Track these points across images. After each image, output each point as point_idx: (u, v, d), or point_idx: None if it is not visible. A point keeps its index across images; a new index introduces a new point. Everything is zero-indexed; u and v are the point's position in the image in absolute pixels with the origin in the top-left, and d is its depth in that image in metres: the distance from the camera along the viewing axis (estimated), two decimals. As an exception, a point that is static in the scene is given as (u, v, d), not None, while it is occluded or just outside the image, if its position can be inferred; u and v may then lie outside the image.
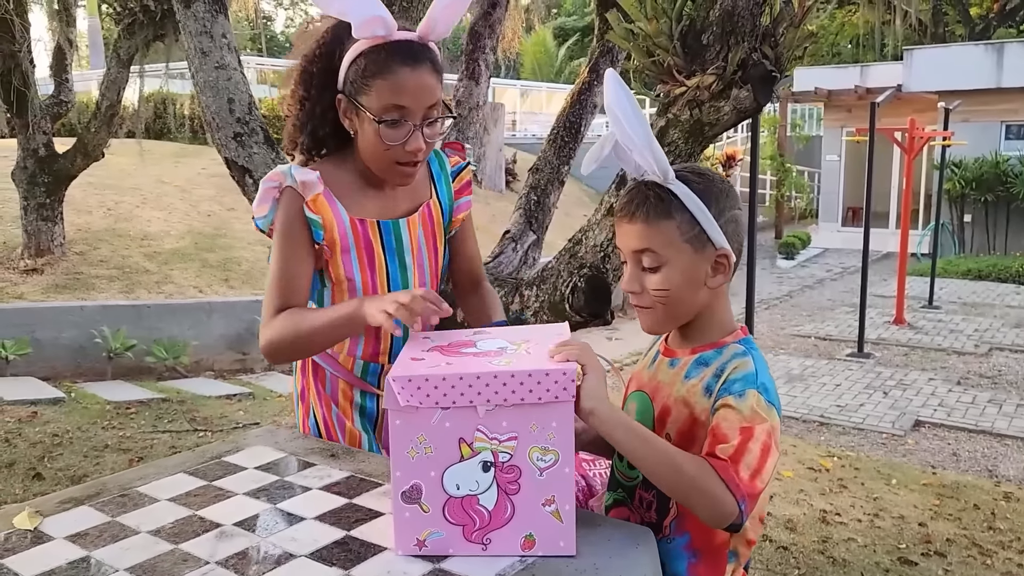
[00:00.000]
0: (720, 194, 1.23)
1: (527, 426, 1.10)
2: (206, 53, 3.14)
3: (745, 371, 1.17)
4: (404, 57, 1.39)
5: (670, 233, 1.20)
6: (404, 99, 1.39)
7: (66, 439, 4.29)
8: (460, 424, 1.10)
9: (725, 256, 1.21)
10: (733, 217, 1.23)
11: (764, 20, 2.51)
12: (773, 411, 1.15)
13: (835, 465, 4.77)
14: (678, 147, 2.69)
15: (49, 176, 6.85)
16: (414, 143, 1.43)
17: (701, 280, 1.21)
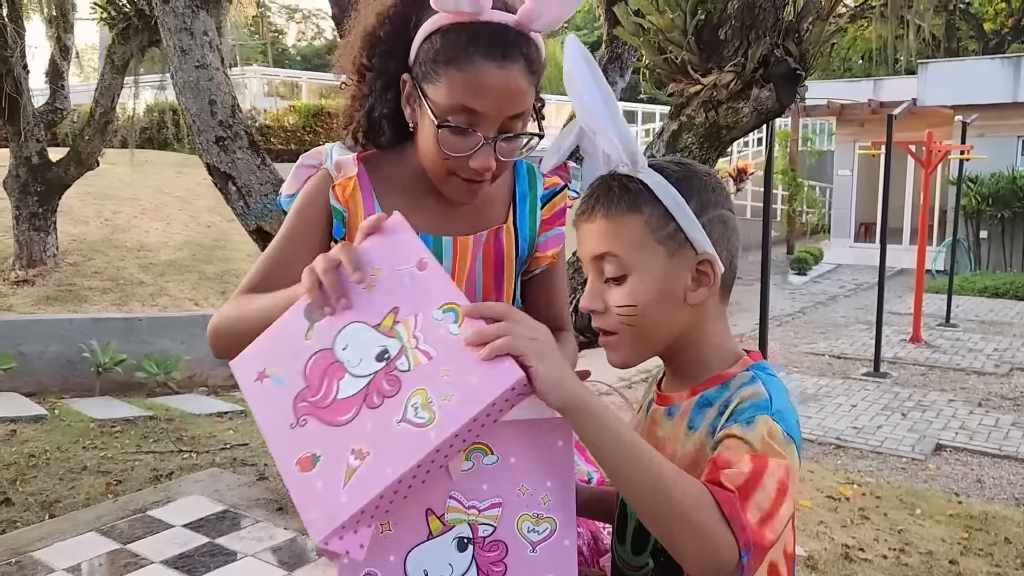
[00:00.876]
0: (704, 187, 0.96)
1: (514, 488, 0.86)
2: (186, 51, 2.94)
3: (755, 398, 0.90)
4: (492, 47, 1.06)
5: (637, 231, 0.93)
6: (480, 102, 1.07)
7: (43, 460, 4.07)
8: (427, 491, 0.85)
9: (709, 263, 0.94)
10: (720, 217, 0.96)
11: (787, 14, 2.30)
12: (792, 448, 0.87)
13: (855, 493, 4.51)
14: (692, 152, 2.46)
15: (42, 185, 6.67)
16: (482, 160, 1.10)
17: (679, 293, 0.94)
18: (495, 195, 1.24)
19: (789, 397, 0.94)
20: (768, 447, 0.85)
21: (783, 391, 0.93)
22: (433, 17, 1.09)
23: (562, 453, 0.87)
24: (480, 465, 0.86)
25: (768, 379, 0.94)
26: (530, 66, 1.09)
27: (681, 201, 0.93)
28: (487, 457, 0.86)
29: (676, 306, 0.94)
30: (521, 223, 1.27)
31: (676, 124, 2.45)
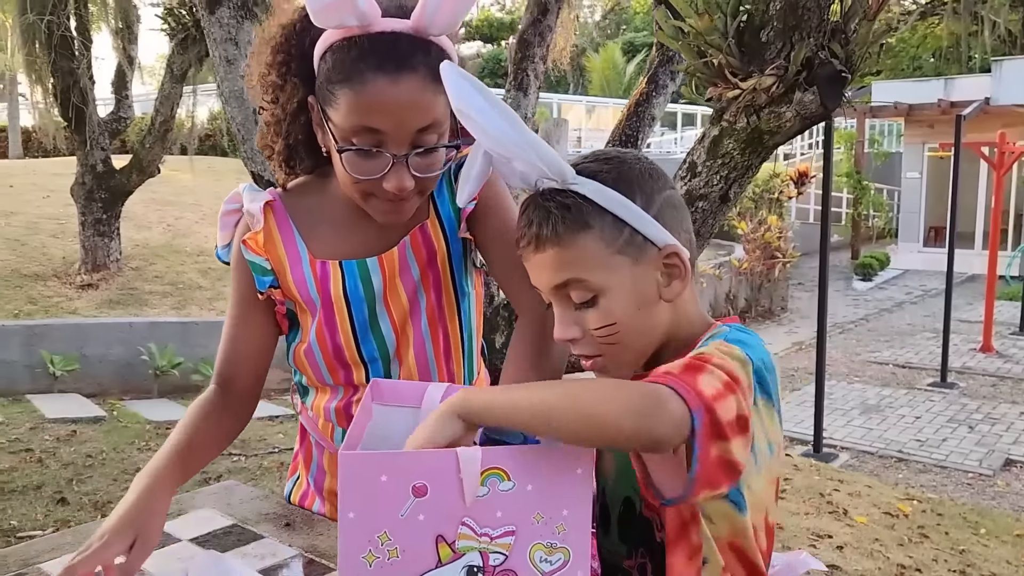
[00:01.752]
0: (642, 176, 0.90)
1: (529, 516, 0.82)
2: (231, 61, 2.98)
3: (714, 336, 0.88)
4: (382, 61, 0.98)
5: (594, 248, 0.87)
6: (380, 120, 1.00)
7: (99, 460, 4.18)
8: (438, 516, 0.80)
9: (675, 253, 0.89)
10: (669, 201, 0.91)
11: (833, 14, 2.21)
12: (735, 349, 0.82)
13: (915, 510, 4.34)
14: (733, 158, 2.39)
15: (106, 192, 6.89)
16: (395, 180, 1.03)
17: (655, 295, 0.89)
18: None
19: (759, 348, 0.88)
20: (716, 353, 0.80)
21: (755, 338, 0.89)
22: (325, 33, 1.02)
23: (581, 481, 0.83)
24: (496, 491, 0.81)
25: (739, 333, 0.89)
26: (433, 74, 0.97)
27: (627, 202, 0.88)
28: (503, 483, 0.81)
29: (654, 308, 0.90)
30: (443, 209, 1.18)
31: (717, 129, 2.38)
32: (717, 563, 0.86)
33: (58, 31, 6.07)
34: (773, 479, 0.89)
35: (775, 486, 0.90)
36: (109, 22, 7.17)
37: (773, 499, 0.90)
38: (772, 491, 0.89)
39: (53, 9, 6.04)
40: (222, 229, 1.20)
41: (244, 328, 1.19)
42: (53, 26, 6.02)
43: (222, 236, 1.20)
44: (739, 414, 0.77)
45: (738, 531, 0.86)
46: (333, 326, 1.16)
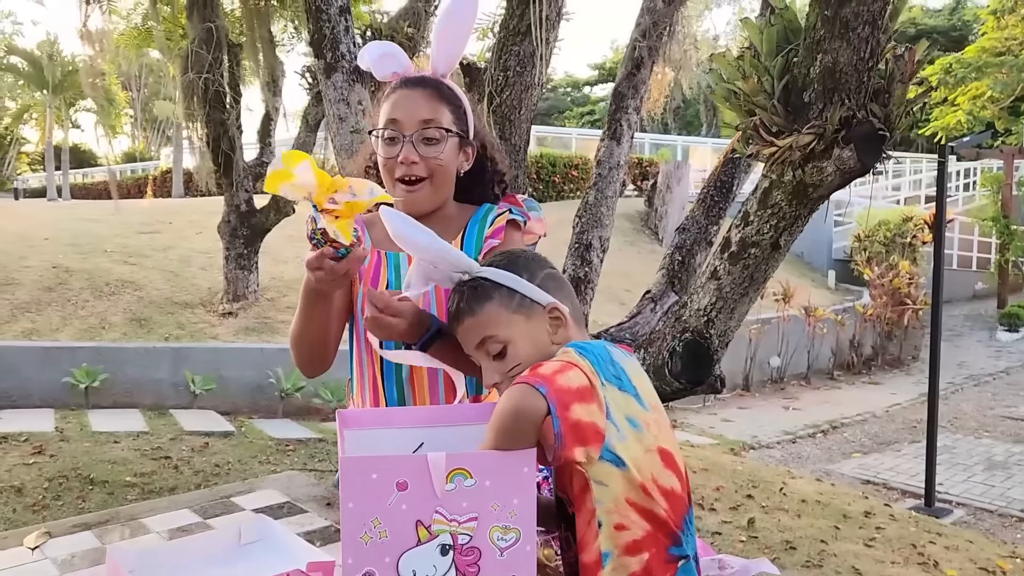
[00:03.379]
0: (525, 261, 1.27)
1: (488, 505, 1.06)
2: (343, 119, 3.39)
3: None
4: (405, 82, 1.52)
5: (496, 313, 1.22)
6: (396, 112, 1.48)
7: (224, 470, 4.67)
8: (417, 506, 1.06)
9: (555, 307, 1.23)
10: (549, 275, 1.27)
11: (879, 76, 2.35)
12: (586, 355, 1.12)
13: (1015, 568, 4.19)
14: (781, 209, 2.54)
15: (248, 229, 7.60)
16: (404, 152, 1.47)
17: (546, 339, 1.23)
18: (450, 222, 1.56)
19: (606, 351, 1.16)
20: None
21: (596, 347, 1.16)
22: None
23: (527, 477, 1.07)
24: (461, 486, 1.06)
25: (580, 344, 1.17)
26: (439, 91, 1.52)
27: (514, 277, 1.23)
28: (467, 480, 1.06)
29: (546, 348, 1.21)
30: (469, 240, 1.56)
31: (767, 182, 2.54)
32: (609, 523, 1.10)
33: (213, 87, 6.83)
34: (651, 448, 1.12)
35: (658, 456, 1.13)
36: (259, 76, 7.96)
37: (659, 467, 1.12)
38: (655, 459, 1.12)
39: (210, 67, 6.81)
40: None
41: None
42: (209, 82, 6.79)
43: None
44: (580, 385, 1.08)
45: (631, 487, 1.09)
46: None
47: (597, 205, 4.31)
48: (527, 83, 3.09)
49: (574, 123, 33.04)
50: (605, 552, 1.09)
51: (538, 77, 3.13)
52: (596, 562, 1.10)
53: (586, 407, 1.07)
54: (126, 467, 4.57)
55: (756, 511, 4.65)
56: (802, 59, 2.36)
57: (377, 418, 1.30)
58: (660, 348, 2.96)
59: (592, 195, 4.28)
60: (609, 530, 1.09)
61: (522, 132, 3.25)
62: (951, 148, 6.30)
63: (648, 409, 1.14)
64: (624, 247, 11.78)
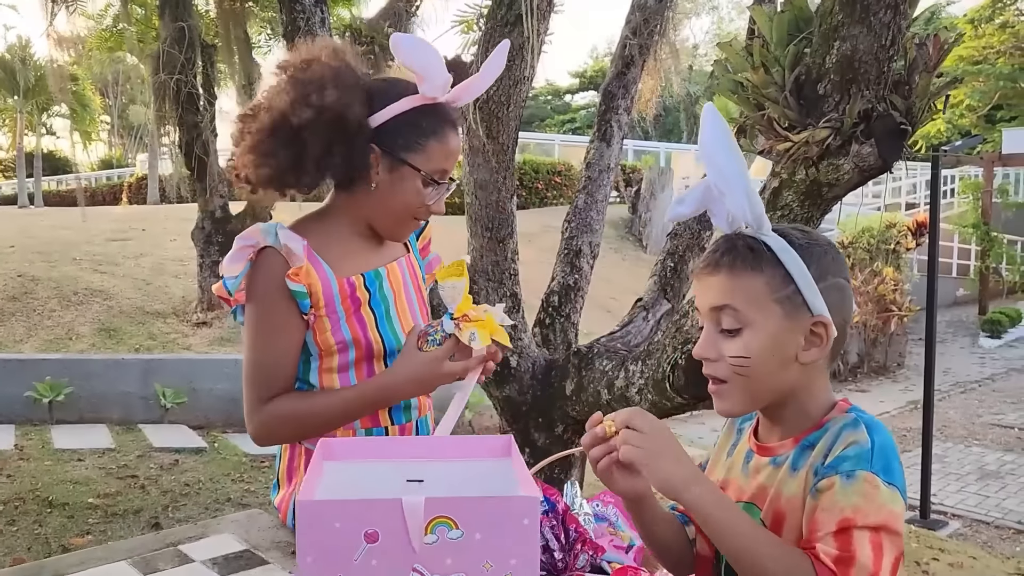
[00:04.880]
0: (824, 255, 1.02)
1: (478, 564, 0.86)
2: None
3: (858, 445, 0.94)
4: (453, 124, 1.43)
5: (757, 289, 0.99)
6: (449, 163, 1.43)
7: (195, 490, 4.42)
8: (390, 562, 0.86)
9: (823, 325, 1.00)
10: (838, 285, 1.02)
11: (898, 66, 2.17)
12: (897, 495, 0.92)
13: (1023, 587, 4.04)
14: (792, 210, 2.36)
15: (223, 236, 7.35)
16: (440, 204, 1.45)
17: (791, 352, 1.00)
18: None
19: (888, 434, 0.97)
20: (863, 506, 0.90)
21: (888, 435, 0.97)
22: (399, 102, 1.37)
23: (528, 531, 0.86)
24: (445, 539, 0.86)
25: (869, 419, 0.99)
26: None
27: (802, 266, 0.99)
28: (452, 531, 0.86)
29: (786, 363, 1.00)
30: (415, 252, 1.60)
31: (777, 181, 2.36)
32: None
33: (185, 88, 6.60)
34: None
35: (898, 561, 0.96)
36: (234, 79, 7.72)
37: None
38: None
39: (182, 68, 6.58)
40: (235, 262, 1.35)
41: (291, 349, 1.36)
42: (181, 83, 6.55)
43: (233, 267, 1.36)
44: (892, 569, 0.90)
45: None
46: (364, 324, 1.40)
47: (587, 209, 4.11)
48: (516, 77, 2.90)
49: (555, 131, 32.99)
50: None
51: (528, 71, 2.93)
52: None
53: None
54: (88, 487, 4.31)
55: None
56: (817, 47, 2.18)
57: (369, 449, 1.10)
58: (660, 361, 2.77)
59: (582, 199, 4.09)
60: None
61: (510, 130, 3.05)
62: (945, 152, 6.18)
63: None
64: (608, 254, 11.63)
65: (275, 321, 1.34)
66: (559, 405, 3.53)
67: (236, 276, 1.35)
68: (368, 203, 1.41)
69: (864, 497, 0.90)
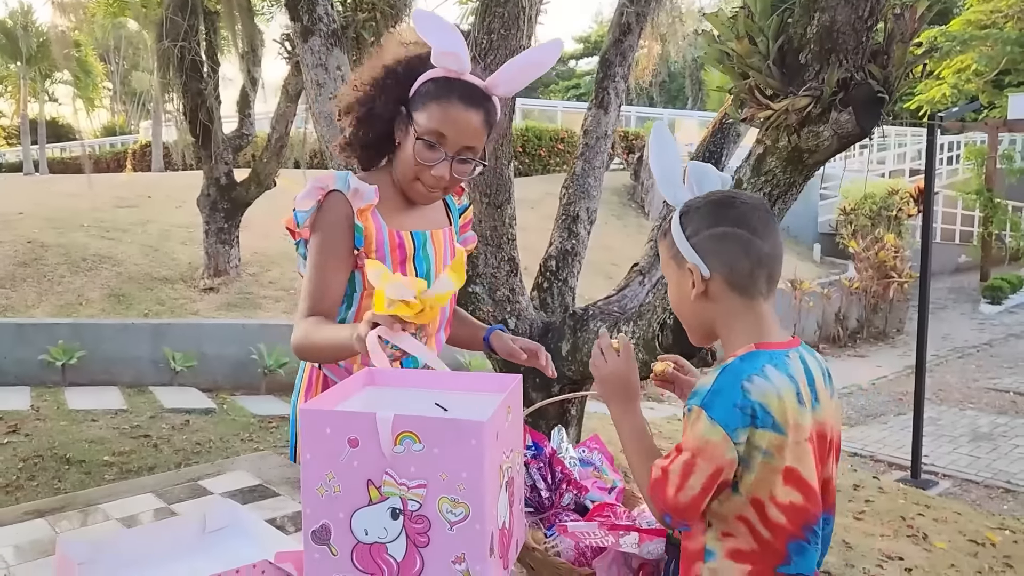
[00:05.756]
0: (703, 215, 1.26)
1: (436, 474, 1.00)
2: (321, 85, 3.27)
3: (703, 384, 1.18)
4: (463, 95, 1.51)
5: (664, 252, 1.30)
6: (447, 128, 1.50)
7: (206, 448, 4.58)
8: (368, 464, 1.01)
9: (693, 269, 1.24)
10: (713, 235, 1.25)
11: (877, 37, 2.26)
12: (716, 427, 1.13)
13: (1005, 540, 4.17)
14: (775, 176, 2.46)
15: (228, 203, 7.45)
16: (439, 170, 1.53)
17: (686, 293, 1.26)
18: (437, 205, 1.71)
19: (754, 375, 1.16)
20: (688, 435, 1.15)
21: (732, 375, 1.16)
22: (432, 71, 1.53)
23: (476, 450, 0.99)
24: (410, 450, 1.00)
25: (732, 366, 1.18)
26: (486, 116, 1.54)
27: (677, 229, 1.27)
28: (415, 444, 1.00)
29: (688, 303, 1.26)
30: (455, 227, 1.75)
31: (760, 148, 2.45)
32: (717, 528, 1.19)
33: (189, 55, 6.65)
34: (777, 469, 1.15)
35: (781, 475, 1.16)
36: (237, 46, 7.76)
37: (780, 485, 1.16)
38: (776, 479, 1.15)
39: (185, 35, 6.62)
40: (308, 198, 1.54)
41: (340, 275, 1.54)
42: (185, 51, 6.60)
43: (306, 202, 1.54)
44: (703, 486, 1.13)
45: (744, 506, 1.16)
46: (406, 274, 1.56)
47: (584, 176, 4.20)
48: (512, 47, 2.98)
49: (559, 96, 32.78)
50: (709, 550, 1.18)
51: (524, 40, 3.01)
52: (698, 552, 1.19)
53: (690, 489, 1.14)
54: (103, 446, 4.47)
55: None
56: (798, 18, 2.26)
57: (402, 379, 1.27)
58: (650, 321, 2.89)
59: (579, 165, 4.18)
60: (716, 533, 1.18)
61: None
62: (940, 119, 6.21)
63: (786, 433, 1.15)
64: (611, 221, 11.69)
65: (331, 252, 1.51)
66: (555, 365, 3.65)
67: (306, 211, 1.52)
68: (396, 160, 1.59)
69: (691, 426, 1.15)
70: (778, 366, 1.18)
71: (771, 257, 1.26)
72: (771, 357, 1.19)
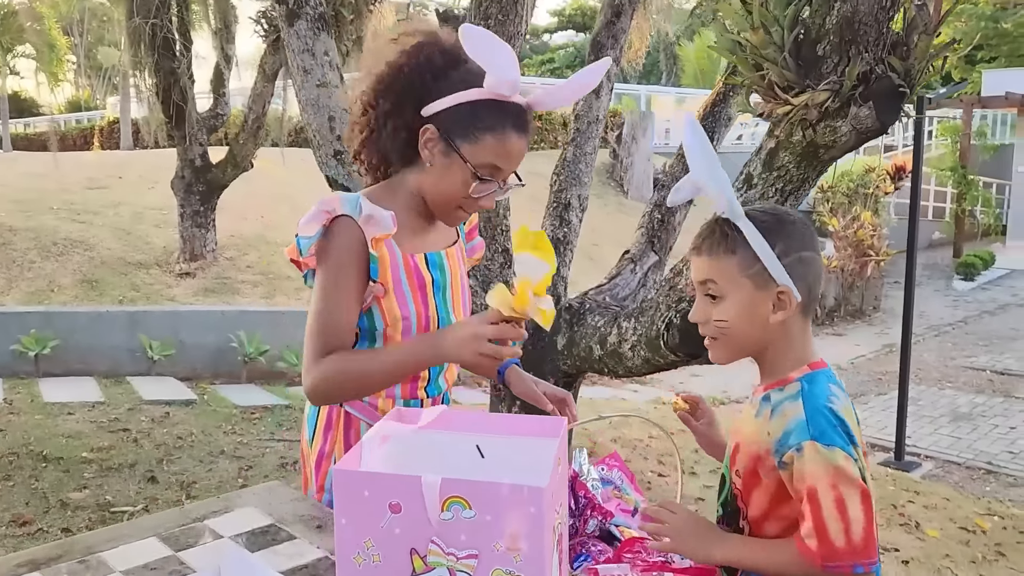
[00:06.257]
0: (788, 234, 1.22)
1: (489, 543, 0.91)
2: (308, 71, 3.13)
3: (796, 419, 1.15)
4: (517, 124, 1.40)
5: (731, 267, 1.21)
6: (504, 163, 1.41)
7: (188, 442, 4.45)
8: (411, 532, 0.92)
9: (785, 293, 1.21)
10: (802, 259, 1.22)
11: (896, 27, 2.17)
12: (836, 451, 1.10)
13: (995, 526, 4.19)
14: (788, 171, 2.38)
15: (203, 185, 7.25)
16: (489, 201, 1.45)
17: (763, 316, 1.22)
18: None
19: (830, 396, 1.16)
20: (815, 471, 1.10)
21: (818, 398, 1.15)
22: (469, 90, 1.37)
23: (536, 518, 0.91)
24: (459, 516, 0.91)
25: (808, 392, 1.17)
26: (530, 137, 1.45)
27: (766, 246, 1.19)
28: (465, 511, 0.91)
29: (759, 324, 1.22)
30: (462, 237, 1.64)
31: (773, 142, 2.37)
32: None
33: (161, 32, 6.42)
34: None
35: None
36: (209, 22, 7.52)
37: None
38: None
39: (157, 12, 6.39)
40: (312, 222, 1.38)
41: (354, 310, 1.41)
42: (156, 28, 6.37)
43: (311, 227, 1.38)
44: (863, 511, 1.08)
45: None
46: (426, 302, 1.47)
47: (576, 162, 4.11)
48: (509, 32, 2.86)
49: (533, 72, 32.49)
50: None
51: (522, 26, 2.89)
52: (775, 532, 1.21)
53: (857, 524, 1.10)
54: (81, 441, 4.33)
55: (737, 474, 4.58)
56: (817, 7, 2.17)
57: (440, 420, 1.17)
58: (653, 318, 2.81)
59: (571, 151, 4.09)
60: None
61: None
62: (929, 100, 6.17)
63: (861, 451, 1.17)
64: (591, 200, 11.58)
65: (341, 284, 1.38)
66: (551, 359, 3.57)
67: (310, 237, 1.38)
68: (424, 180, 1.44)
69: (814, 463, 1.10)
70: (838, 384, 1.20)
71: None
72: (828, 376, 1.21)
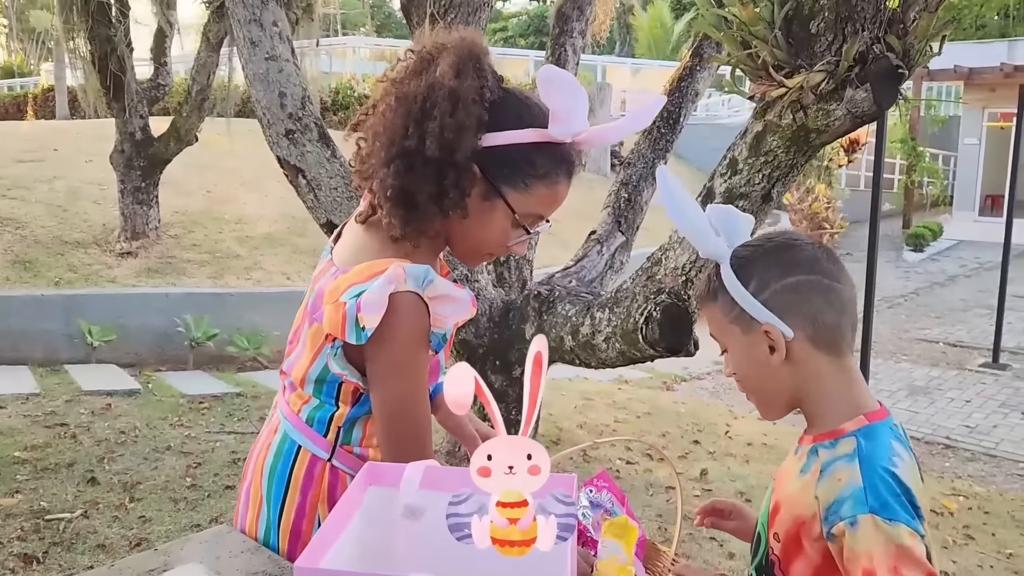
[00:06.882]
0: (766, 264, 1.09)
1: None
2: (255, 43, 2.88)
3: (852, 486, 0.98)
4: (568, 171, 1.26)
5: (718, 316, 1.12)
6: (549, 211, 1.29)
7: (131, 437, 4.20)
8: None
9: (768, 332, 1.07)
10: (787, 287, 1.08)
11: (892, 3, 2.03)
12: (899, 527, 0.95)
13: (961, 507, 4.18)
14: (777, 157, 2.23)
15: (145, 160, 6.88)
16: (522, 247, 1.33)
17: (763, 360, 1.08)
18: None
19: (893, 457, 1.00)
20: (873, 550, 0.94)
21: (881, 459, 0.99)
22: (522, 131, 1.19)
23: None
24: None
25: (866, 452, 1.01)
26: None
27: (738, 285, 1.08)
28: None
29: (768, 369, 1.08)
30: None
31: (760, 125, 2.22)
32: None
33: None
34: None
35: None
36: (147, -14, 7.10)
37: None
38: None
39: (89, -26, 5.99)
40: (379, 305, 1.13)
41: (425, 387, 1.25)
42: (90, -8, 5.98)
43: (374, 317, 1.13)
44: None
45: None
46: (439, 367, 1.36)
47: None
48: (476, 3, 2.66)
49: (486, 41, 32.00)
50: None
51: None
52: None
53: None
54: (14, 439, 4.05)
55: (705, 459, 4.51)
56: (811, -19, 2.01)
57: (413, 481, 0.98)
58: (630, 310, 2.66)
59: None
60: None
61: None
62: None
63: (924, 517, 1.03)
64: (547, 173, 11.43)
65: (422, 378, 1.22)
66: (517, 348, 3.42)
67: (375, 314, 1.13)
68: (453, 224, 1.24)
69: (871, 541, 0.95)
70: (901, 440, 1.05)
71: (853, 303, 1.10)
72: (890, 430, 1.05)
